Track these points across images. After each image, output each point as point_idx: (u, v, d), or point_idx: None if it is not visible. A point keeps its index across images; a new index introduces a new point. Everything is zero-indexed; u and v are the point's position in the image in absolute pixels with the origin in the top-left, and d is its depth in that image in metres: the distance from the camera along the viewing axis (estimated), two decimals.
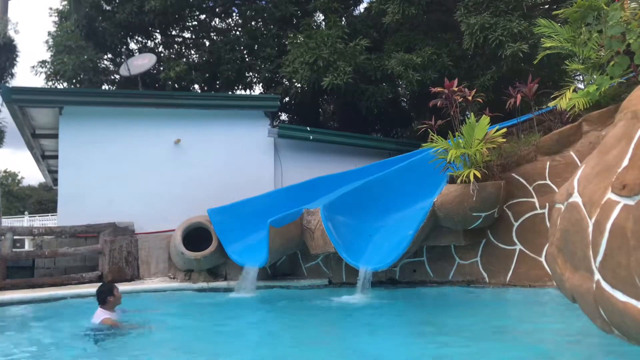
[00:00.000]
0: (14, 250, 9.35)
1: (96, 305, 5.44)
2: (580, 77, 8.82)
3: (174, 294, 8.24)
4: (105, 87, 15.43)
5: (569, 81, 8.32)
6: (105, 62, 15.84)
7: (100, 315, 5.25)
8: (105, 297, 5.35)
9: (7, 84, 15.32)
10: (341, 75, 11.59)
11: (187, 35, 17.18)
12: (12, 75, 17.56)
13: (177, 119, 11.02)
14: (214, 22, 17.15)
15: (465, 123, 7.03)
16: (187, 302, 7.74)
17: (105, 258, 9.26)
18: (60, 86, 14.42)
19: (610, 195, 1.86)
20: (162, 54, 16.07)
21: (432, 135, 7.57)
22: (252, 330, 5.80)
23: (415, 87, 11.45)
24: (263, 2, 15.54)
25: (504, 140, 7.06)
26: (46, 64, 14.58)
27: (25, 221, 28.51)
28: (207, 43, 16.44)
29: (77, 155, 10.35)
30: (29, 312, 6.98)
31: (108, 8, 15.12)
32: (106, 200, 10.16)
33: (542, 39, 7.90)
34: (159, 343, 4.98)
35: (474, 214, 6.86)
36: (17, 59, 17.56)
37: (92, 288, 7.84)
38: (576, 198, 2.13)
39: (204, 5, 16.05)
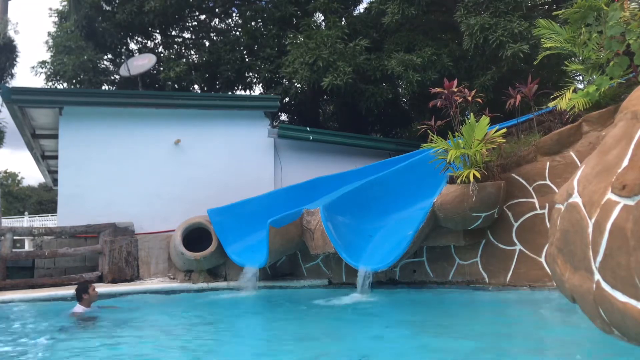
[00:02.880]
0: (14, 250, 9.35)
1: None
2: (580, 77, 8.83)
3: (174, 294, 8.24)
4: (105, 87, 15.44)
5: (569, 81, 8.32)
6: (105, 62, 15.85)
7: (75, 309, 5.99)
8: (80, 294, 6.02)
9: (7, 84, 15.33)
10: (341, 76, 11.59)
11: (187, 35, 17.19)
12: (12, 75, 17.57)
13: (177, 119, 11.02)
14: (213, 23, 17.17)
15: (465, 123, 7.03)
16: (187, 302, 7.74)
17: (105, 258, 9.26)
18: (60, 86, 14.42)
19: (610, 196, 1.86)
20: (162, 54, 16.08)
21: (431, 135, 7.57)
22: (250, 330, 5.81)
23: (415, 87, 11.45)
24: (263, 3, 15.54)
25: (504, 140, 7.06)
26: (46, 64, 14.57)
27: (25, 221, 28.53)
28: (207, 43, 16.45)
29: (77, 155, 10.35)
30: (28, 312, 6.98)
31: (108, 8, 15.13)
32: (106, 200, 10.16)
33: (542, 39, 7.90)
34: (156, 342, 4.98)
35: (474, 214, 6.86)
36: (17, 59, 17.57)
37: None
38: (576, 198, 2.13)
39: (204, 6, 16.06)
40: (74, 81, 14.21)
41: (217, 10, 16.54)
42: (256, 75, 15.44)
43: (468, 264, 7.55)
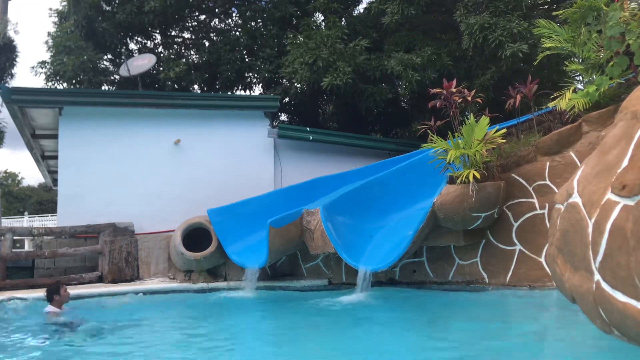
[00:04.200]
0: (13, 250, 9.35)
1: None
2: (580, 77, 8.82)
3: (174, 294, 8.24)
4: (105, 87, 15.43)
5: (569, 81, 8.31)
6: (105, 62, 15.83)
7: (48, 309, 5.92)
8: (51, 295, 5.95)
9: (7, 85, 15.33)
10: (341, 76, 11.59)
11: (186, 35, 17.18)
12: (12, 75, 17.59)
13: (177, 119, 11.02)
14: (213, 23, 17.16)
15: (465, 123, 7.03)
16: (186, 303, 7.74)
17: (105, 258, 9.25)
18: (60, 86, 14.41)
19: (610, 196, 1.86)
20: (161, 55, 16.07)
21: (431, 135, 7.57)
22: (250, 331, 5.80)
23: (414, 87, 11.45)
24: (263, 3, 15.54)
25: (504, 140, 7.06)
26: (46, 64, 14.56)
27: (25, 222, 28.51)
28: (207, 43, 16.44)
29: (77, 155, 10.35)
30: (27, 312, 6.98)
31: (108, 8, 15.12)
32: (106, 200, 10.16)
33: (542, 39, 7.91)
34: (154, 342, 4.98)
35: (474, 214, 6.86)
36: (17, 59, 17.59)
37: (92, 289, 7.90)
38: (576, 198, 2.13)
39: (204, 6, 16.06)
40: (73, 81, 14.20)
41: (217, 10, 16.54)
42: (256, 75, 15.44)
43: (468, 264, 7.55)
